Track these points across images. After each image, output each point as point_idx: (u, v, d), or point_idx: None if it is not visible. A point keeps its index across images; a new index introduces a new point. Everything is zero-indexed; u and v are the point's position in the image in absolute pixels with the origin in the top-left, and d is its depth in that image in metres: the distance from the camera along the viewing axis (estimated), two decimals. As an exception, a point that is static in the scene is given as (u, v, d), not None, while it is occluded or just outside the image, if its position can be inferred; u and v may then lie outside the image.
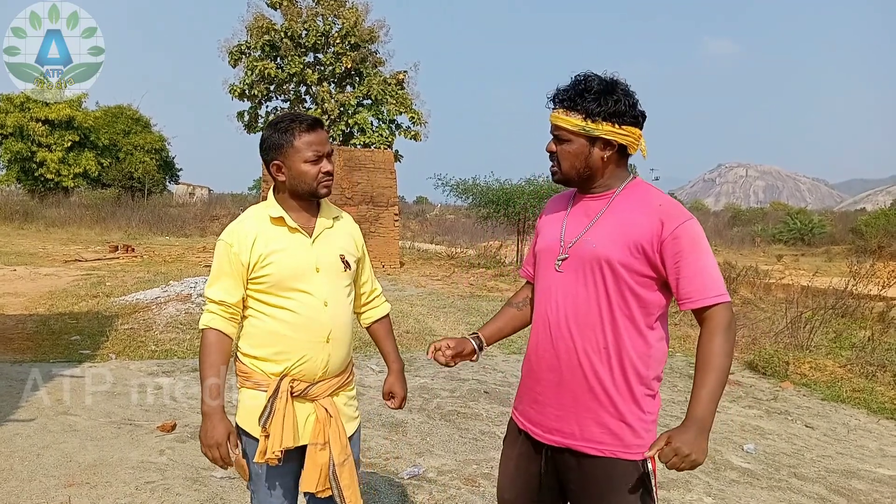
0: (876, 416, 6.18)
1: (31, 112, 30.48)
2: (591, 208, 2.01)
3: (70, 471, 3.92)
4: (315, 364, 2.21)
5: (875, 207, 58.96)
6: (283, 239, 2.21)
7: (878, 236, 25.56)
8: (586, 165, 1.96)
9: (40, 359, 6.57)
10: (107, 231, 23.56)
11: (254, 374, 2.22)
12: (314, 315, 2.19)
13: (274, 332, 2.19)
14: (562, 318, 1.98)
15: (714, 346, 1.84)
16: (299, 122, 2.18)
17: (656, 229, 1.87)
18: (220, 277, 2.21)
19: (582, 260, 1.94)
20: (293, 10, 27.16)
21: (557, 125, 1.96)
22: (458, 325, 9.51)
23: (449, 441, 4.75)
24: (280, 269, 2.17)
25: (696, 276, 1.85)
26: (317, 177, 2.19)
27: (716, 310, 1.86)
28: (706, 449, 1.79)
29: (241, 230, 2.21)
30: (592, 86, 1.90)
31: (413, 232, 30.67)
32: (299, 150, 2.16)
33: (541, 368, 2.04)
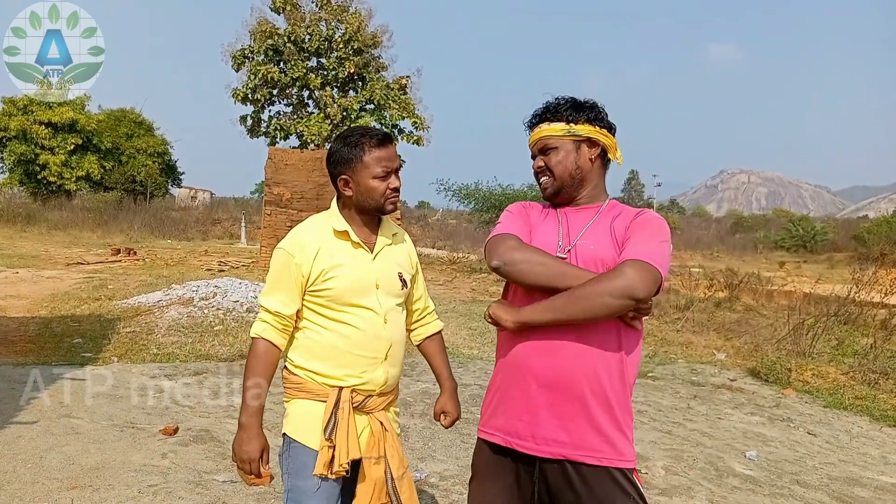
0: (878, 424, 6.16)
1: (34, 115, 30.57)
2: (580, 219, 2.07)
3: (73, 473, 3.92)
4: (373, 380, 2.17)
5: (878, 215, 58.91)
6: (345, 253, 2.17)
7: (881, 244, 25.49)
8: (577, 167, 2.05)
9: (42, 361, 6.58)
10: (109, 234, 23.60)
11: (307, 384, 2.17)
12: (375, 331, 2.16)
13: (332, 347, 2.15)
14: None
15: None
16: (369, 136, 2.15)
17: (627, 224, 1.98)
18: (278, 287, 2.16)
19: (583, 260, 1.96)
20: (296, 15, 27.22)
21: (543, 137, 2.08)
22: (459, 331, 9.51)
23: (451, 446, 4.75)
24: (342, 283, 2.13)
25: (636, 244, 1.90)
26: (385, 193, 2.17)
27: (628, 261, 1.86)
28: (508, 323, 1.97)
29: (305, 241, 2.16)
30: (567, 101, 2.07)
31: (415, 237, 30.67)
32: (368, 166, 2.13)
33: (534, 375, 1.96)
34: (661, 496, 4.12)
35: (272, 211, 15.33)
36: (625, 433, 1.93)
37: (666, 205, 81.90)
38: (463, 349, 8.32)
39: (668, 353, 8.90)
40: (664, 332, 10.23)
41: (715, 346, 9.25)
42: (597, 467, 1.90)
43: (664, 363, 8.34)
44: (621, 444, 1.92)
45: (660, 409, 6.22)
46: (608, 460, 1.90)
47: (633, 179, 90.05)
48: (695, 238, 39.18)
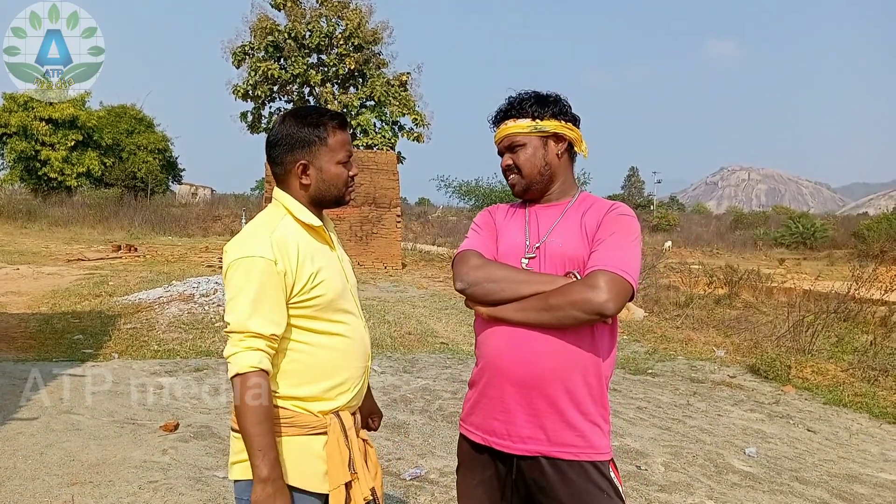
0: (878, 421, 6.17)
1: (34, 111, 30.54)
2: (548, 216, 2.06)
3: (73, 470, 3.93)
4: (360, 393, 1.97)
5: (877, 212, 58.89)
6: (322, 252, 1.89)
7: (881, 241, 25.49)
8: (545, 163, 2.04)
9: (43, 358, 6.59)
10: (109, 230, 23.60)
11: (299, 417, 1.83)
12: (363, 337, 1.96)
13: (325, 365, 1.85)
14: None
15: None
16: (330, 116, 1.87)
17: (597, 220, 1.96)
18: (265, 304, 1.75)
19: (551, 258, 1.96)
20: (297, 12, 27.21)
21: (509, 134, 2.05)
22: (459, 327, 9.52)
23: (451, 442, 4.76)
24: (331, 287, 1.85)
25: (606, 249, 1.88)
26: (347, 181, 1.93)
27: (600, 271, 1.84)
28: None
29: (283, 242, 1.80)
30: (530, 95, 2.05)
31: (415, 233, 30.67)
32: (333, 150, 1.86)
33: (508, 374, 1.94)
34: (660, 493, 4.13)
35: (272, 207, 15.29)
36: (599, 426, 1.93)
37: (666, 201, 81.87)
38: (462, 346, 8.32)
39: (668, 350, 8.91)
40: (664, 328, 10.24)
41: (714, 343, 9.26)
42: (571, 462, 1.90)
43: (664, 360, 8.35)
44: (595, 437, 1.92)
45: (659, 405, 6.23)
46: (584, 454, 1.91)
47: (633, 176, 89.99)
48: (695, 235, 39.18)
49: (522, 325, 1.90)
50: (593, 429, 1.92)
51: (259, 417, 1.71)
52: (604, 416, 1.96)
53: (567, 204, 2.06)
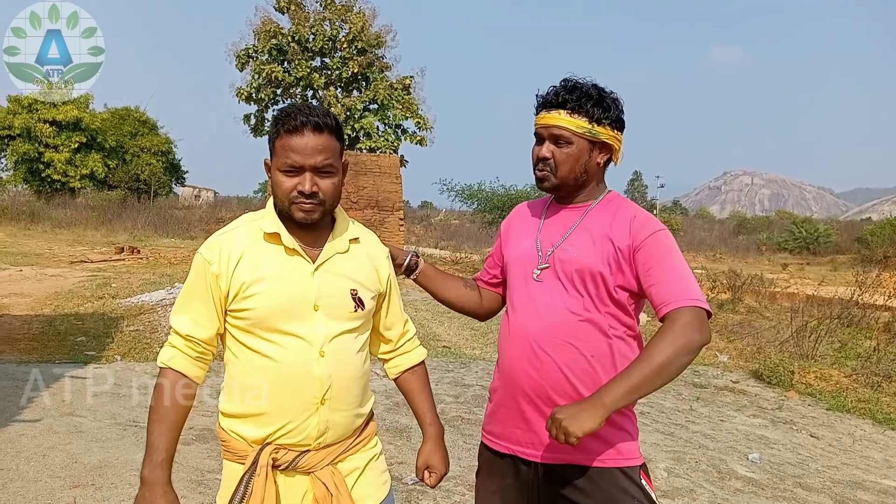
0: (881, 427, 6.16)
1: (38, 113, 30.65)
2: (567, 218, 1.96)
3: (75, 472, 3.93)
4: (305, 431, 1.70)
5: (881, 217, 58.79)
6: (275, 262, 1.70)
7: (884, 246, 25.45)
8: (584, 170, 1.91)
9: (46, 360, 6.59)
10: (112, 232, 23.64)
11: (231, 443, 1.73)
12: (304, 367, 1.68)
13: (252, 386, 1.70)
14: (545, 329, 1.87)
15: (657, 339, 1.70)
16: (290, 117, 1.65)
17: (630, 240, 1.84)
18: (191, 303, 1.71)
19: (564, 268, 1.88)
20: (301, 15, 27.27)
21: (559, 126, 1.88)
22: (462, 331, 9.51)
23: (453, 447, 4.75)
24: (268, 301, 1.66)
25: (667, 281, 1.78)
26: (289, 194, 1.66)
27: (680, 310, 1.73)
28: (587, 424, 1.60)
29: (226, 244, 1.70)
30: (591, 91, 1.88)
31: (418, 237, 30.68)
32: (277, 155, 1.67)
33: (525, 384, 1.89)
34: (663, 498, 4.12)
35: (275, 210, 15.31)
36: (627, 430, 1.87)
37: (669, 206, 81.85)
38: (465, 349, 8.32)
39: (671, 355, 8.89)
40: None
41: (718, 348, 9.24)
42: (600, 469, 1.84)
43: (667, 365, 8.33)
44: (623, 443, 1.86)
45: (662, 410, 6.22)
46: (612, 460, 1.84)
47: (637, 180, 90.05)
48: (698, 240, 39.14)
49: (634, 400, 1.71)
50: (621, 434, 1.86)
51: (156, 415, 1.69)
52: (631, 420, 1.90)
53: (588, 206, 1.96)
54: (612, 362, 1.84)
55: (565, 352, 1.84)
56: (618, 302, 1.86)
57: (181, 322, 1.71)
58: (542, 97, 1.93)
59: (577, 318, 1.85)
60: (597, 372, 1.83)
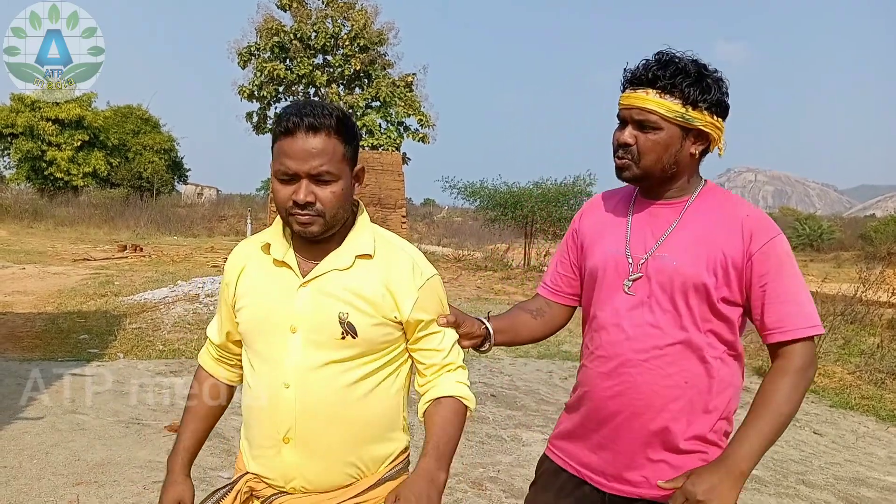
0: (885, 424, 6.14)
1: (41, 112, 30.68)
2: (660, 217, 1.69)
3: (78, 469, 3.94)
4: (277, 469, 1.52)
5: (885, 214, 58.71)
6: (263, 276, 1.55)
7: (888, 243, 25.38)
8: (675, 161, 1.63)
9: (49, 357, 6.60)
10: (115, 230, 23.67)
11: (240, 457, 1.68)
12: (268, 396, 1.50)
13: (245, 411, 1.62)
14: (637, 349, 1.64)
15: (781, 385, 1.56)
16: (284, 118, 1.44)
17: (743, 245, 1.59)
18: (219, 308, 1.72)
19: (661, 281, 1.62)
20: (303, 12, 27.25)
21: (646, 108, 1.59)
22: (464, 328, 9.51)
23: (455, 444, 4.75)
24: (249, 317, 1.54)
25: (784, 303, 1.57)
26: (284, 204, 1.46)
27: (798, 346, 1.57)
28: (727, 500, 1.45)
29: (237, 253, 1.65)
30: (689, 68, 1.59)
31: (420, 234, 30.68)
32: (274, 159, 1.47)
33: (608, 408, 1.68)
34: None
35: (278, 208, 15.33)
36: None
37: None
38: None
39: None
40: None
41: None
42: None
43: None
44: None
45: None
46: None
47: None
48: (701, 236, 39.10)
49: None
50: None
51: (185, 407, 1.74)
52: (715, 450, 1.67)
53: (685, 202, 1.68)
54: (708, 387, 1.64)
55: (658, 377, 1.62)
56: (722, 317, 1.62)
57: (210, 324, 1.76)
58: (629, 72, 1.65)
59: (673, 339, 1.62)
60: (691, 399, 1.63)
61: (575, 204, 18.79)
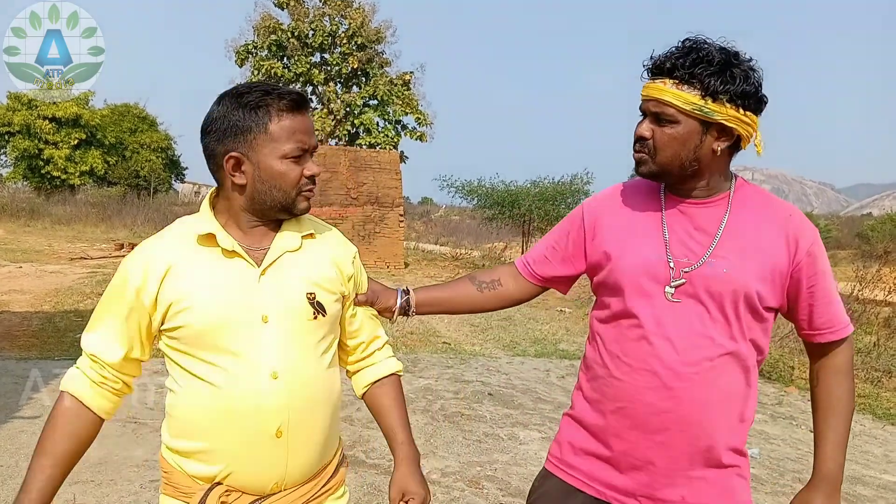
0: (881, 422, 6.16)
1: (38, 110, 30.62)
2: (700, 218, 1.57)
3: (75, 468, 3.92)
4: (259, 473, 1.45)
5: (882, 212, 58.80)
6: (211, 269, 1.44)
7: (885, 241, 25.42)
8: (694, 157, 1.52)
9: (45, 356, 6.59)
10: (112, 229, 23.63)
11: (174, 476, 1.50)
12: (252, 394, 1.41)
13: (193, 420, 1.45)
14: (687, 362, 1.52)
15: (841, 384, 1.59)
16: (278, 95, 1.43)
17: (790, 250, 1.53)
18: (103, 318, 1.48)
19: (711, 289, 1.52)
20: (300, 10, 27.21)
21: (663, 100, 1.49)
22: (462, 326, 9.51)
23: (452, 443, 4.75)
24: (202, 317, 1.41)
25: (830, 303, 1.58)
26: (297, 182, 1.45)
27: (846, 344, 1.60)
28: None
29: (152, 252, 1.47)
30: (713, 55, 1.46)
31: (418, 233, 30.68)
32: (276, 140, 1.42)
33: (653, 425, 1.55)
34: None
35: (275, 206, 15.33)
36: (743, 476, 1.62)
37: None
38: (465, 345, 8.32)
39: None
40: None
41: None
42: None
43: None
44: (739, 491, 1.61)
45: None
46: None
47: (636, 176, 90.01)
48: (698, 235, 39.17)
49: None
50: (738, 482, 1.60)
51: (39, 447, 1.49)
52: (747, 466, 1.64)
53: (725, 203, 1.57)
54: (745, 396, 1.58)
55: (709, 390, 1.52)
56: (763, 324, 1.57)
57: (88, 339, 1.49)
58: (646, 64, 1.55)
59: (723, 350, 1.53)
60: (732, 409, 1.56)
61: (573, 202, 18.81)
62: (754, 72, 1.50)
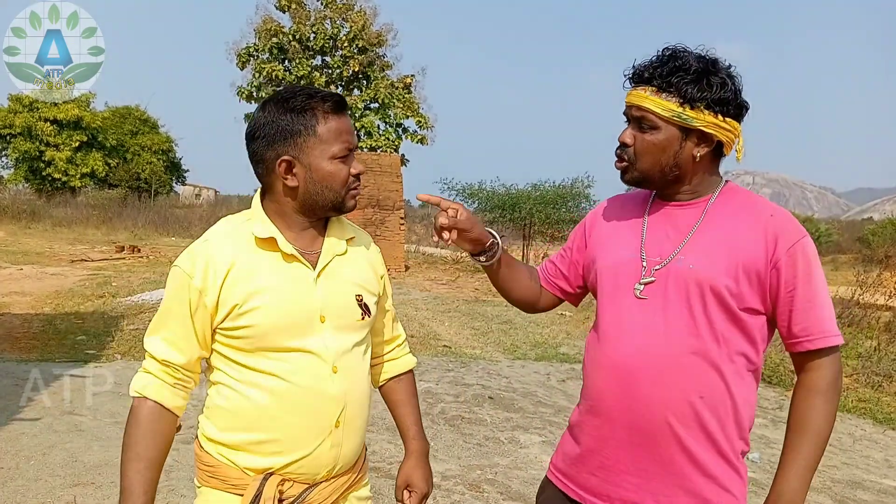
0: (882, 427, 6.15)
1: (39, 112, 30.67)
2: (679, 219, 1.59)
3: (76, 471, 3.93)
4: (317, 460, 1.53)
5: (882, 217, 58.83)
6: (273, 272, 1.50)
7: (885, 246, 25.40)
8: (675, 164, 1.54)
9: (46, 358, 6.59)
10: (113, 231, 23.64)
11: (222, 469, 1.55)
12: (318, 387, 1.50)
13: (255, 413, 1.50)
14: (647, 359, 1.52)
15: (817, 404, 1.49)
16: (321, 98, 1.48)
17: (768, 248, 1.49)
18: (168, 323, 1.53)
19: (677, 285, 1.52)
20: (301, 13, 27.25)
21: (642, 107, 1.52)
22: (462, 330, 9.51)
23: (453, 446, 4.75)
24: (268, 317, 1.47)
25: (811, 309, 1.50)
26: (346, 181, 1.53)
27: (826, 359, 1.51)
28: None
29: (210, 254, 1.50)
30: (690, 63, 1.50)
31: (418, 236, 30.67)
32: (325, 141, 1.48)
33: (613, 425, 1.56)
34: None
35: (276, 209, 15.36)
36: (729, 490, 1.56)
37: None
38: (465, 349, 8.32)
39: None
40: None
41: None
42: None
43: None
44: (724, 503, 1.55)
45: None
46: None
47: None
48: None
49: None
50: (721, 493, 1.54)
51: (131, 452, 1.49)
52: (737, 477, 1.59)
53: (705, 203, 1.59)
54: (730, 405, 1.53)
55: (669, 390, 1.50)
56: (743, 328, 1.52)
57: (155, 345, 1.53)
58: (627, 73, 1.58)
59: (687, 348, 1.50)
60: (705, 416, 1.50)
61: (573, 206, 18.82)
62: (732, 79, 1.53)
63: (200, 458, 1.61)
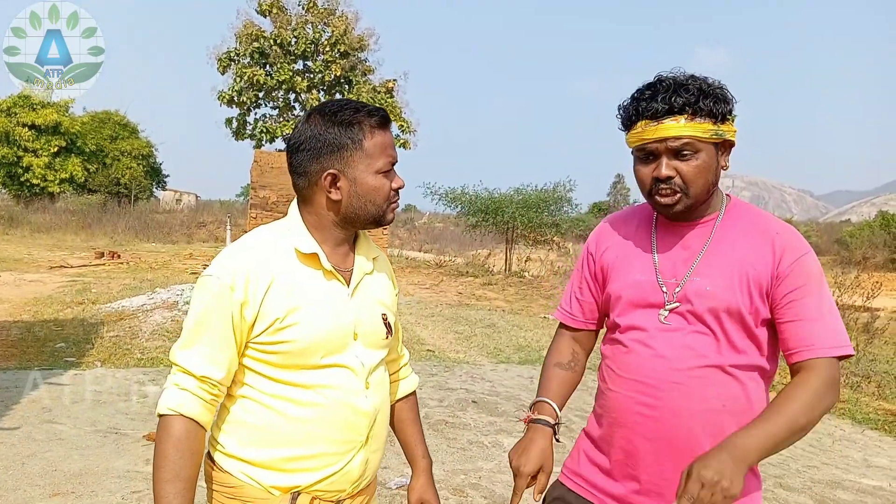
0: (860, 427, 6.22)
1: (17, 117, 30.33)
2: (689, 238, 1.62)
3: (55, 480, 3.89)
4: (347, 476, 1.52)
5: (860, 219, 59.59)
6: (314, 287, 1.49)
7: (863, 248, 25.81)
8: (715, 181, 1.59)
9: (24, 366, 6.51)
10: (93, 237, 23.42)
11: (245, 489, 1.47)
12: (353, 403, 1.50)
13: (289, 428, 1.47)
14: (673, 375, 1.56)
15: (801, 394, 1.46)
16: (368, 113, 1.48)
17: (773, 264, 1.54)
18: (205, 336, 1.43)
19: (694, 308, 1.56)
20: (283, 18, 27.17)
21: (682, 136, 1.52)
22: (446, 335, 9.51)
23: (437, 451, 4.75)
24: (309, 333, 1.45)
25: (809, 319, 1.52)
26: (388, 196, 1.52)
27: (823, 362, 1.50)
28: (740, 480, 1.36)
29: (250, 266, 1.44)
30: (703, 86, 1.55)
31: (401, 240, 30.69)
32: (371, 156, 1.48)
33: (637, 436, 1.59)
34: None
35: (258, 214, 15.28)
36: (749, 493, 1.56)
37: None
38: (449, 353, 8.32)
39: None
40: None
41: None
42: None
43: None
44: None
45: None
46: None
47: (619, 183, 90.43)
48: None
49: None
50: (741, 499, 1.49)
51: (168, 473, 1.38)
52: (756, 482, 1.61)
53: (713, 221, 1.62)
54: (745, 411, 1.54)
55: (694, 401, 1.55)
56: (760, 340, 1.57)
57: (192, 359, 1.43)
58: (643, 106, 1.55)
59: (708, 362, 1.55)
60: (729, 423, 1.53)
61: (555, 210, 18.91)
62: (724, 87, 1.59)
63: (217, 478, 1.52)
